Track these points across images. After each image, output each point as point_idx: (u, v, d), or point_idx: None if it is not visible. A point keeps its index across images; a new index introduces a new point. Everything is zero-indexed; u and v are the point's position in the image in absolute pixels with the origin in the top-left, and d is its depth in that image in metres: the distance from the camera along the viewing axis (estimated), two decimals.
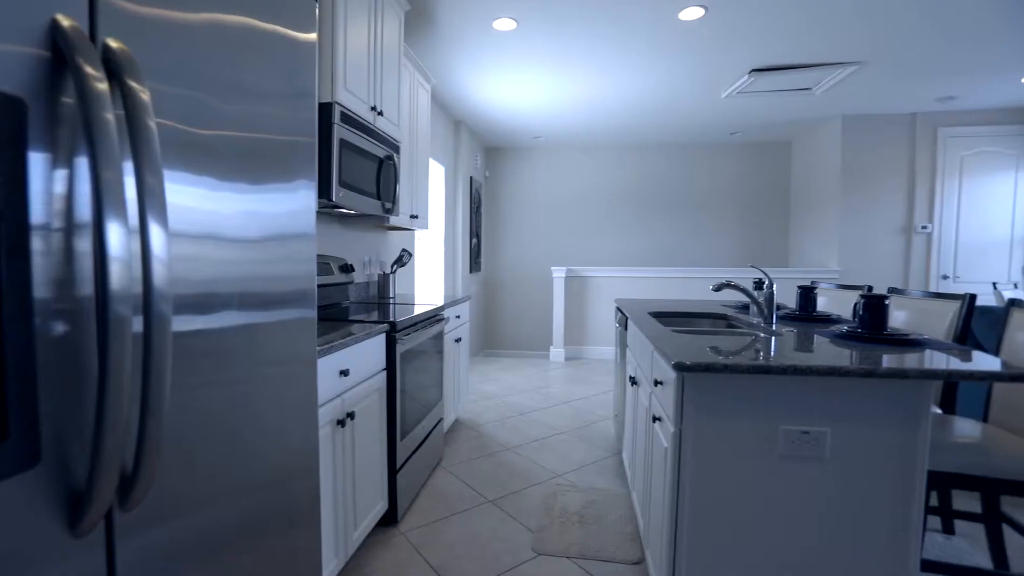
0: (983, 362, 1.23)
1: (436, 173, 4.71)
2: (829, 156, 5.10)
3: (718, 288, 1.76)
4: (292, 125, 0.94)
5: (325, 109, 1.91)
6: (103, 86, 0.55)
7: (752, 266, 3.32)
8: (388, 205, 2.45)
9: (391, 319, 2.01)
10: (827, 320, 1.95)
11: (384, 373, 1.95)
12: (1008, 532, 1.99)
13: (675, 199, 6.14)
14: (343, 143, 1.97)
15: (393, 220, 2.78)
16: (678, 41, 3.23)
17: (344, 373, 1.57)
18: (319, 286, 2.31)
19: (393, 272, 3.03)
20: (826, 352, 1.32)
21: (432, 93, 4.29)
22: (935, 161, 4.75)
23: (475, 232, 5.69)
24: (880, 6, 2.77)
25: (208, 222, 0.75)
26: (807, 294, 2.09)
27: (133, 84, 0.59)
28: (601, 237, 6.28)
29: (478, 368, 5.11)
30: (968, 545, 1.91)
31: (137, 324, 0.64)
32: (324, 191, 1.91)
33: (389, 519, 2.05)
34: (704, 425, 1.26)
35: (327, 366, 1.49)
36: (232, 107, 0.79)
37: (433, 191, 4.64)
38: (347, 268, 2.60)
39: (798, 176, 5.76)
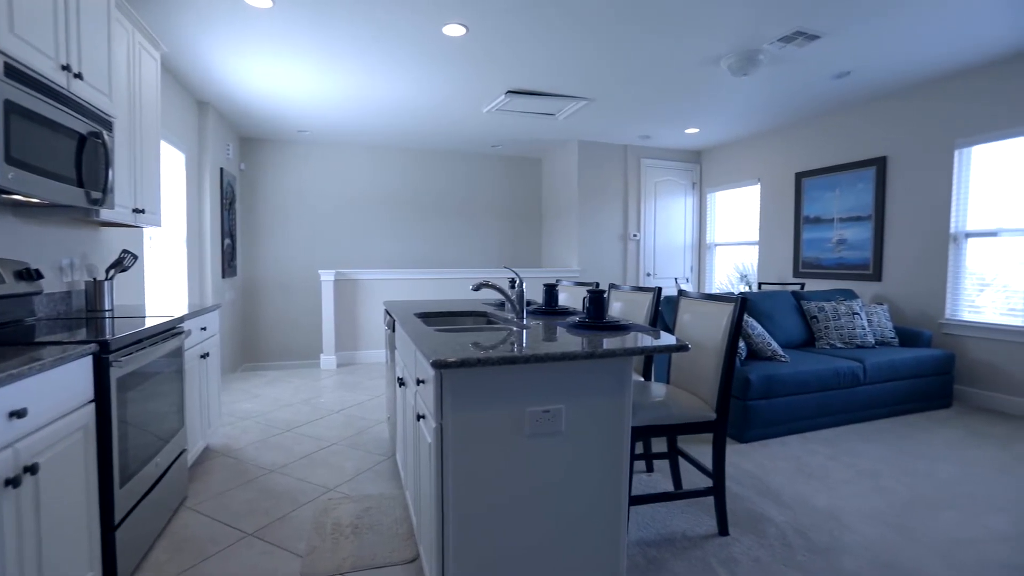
0: (665, 339, 1.62)
1: (175, 161, 3.96)
2: (569, 174, 6.05)
3: (477, 288, 1.92)
4: None
5: None
6: None
7: (506, 267, 3.70)
8: (96, 195, 1.96)
9: (103, 337, 1.62)
10: (565, 313, 2.31)
11: (92, 406, 1.55)
12: (683, 463, 2.67)
13: (444, 203, 6.44)
14: (11, 106, 1.50)
15: (107, 214, 2.23)
16: (443, 54, 3.39)
17: (18, 415, 1.19)
18: None
19: (110, 279, 2.44)
20: (563, 340, 1.57)
21: (166, 65, 3.58)
22: (640, 184, 6.09)
23: (228, 231, 4.97)
24: (603, 60, 3.41)
25: None
26: (551, 291, 2.44)
27: None
28: (373, 239, 6.18)
29: (236, 385, 4.48)
30: (662, 477, 2.50)
31: None
32: None
33: None
34: (462, 417, 1.36)
35: None
36: None
37: (172, 182, 3.88)
38: (29, 274, 1.98)
39: (548, 188, 6.67)
